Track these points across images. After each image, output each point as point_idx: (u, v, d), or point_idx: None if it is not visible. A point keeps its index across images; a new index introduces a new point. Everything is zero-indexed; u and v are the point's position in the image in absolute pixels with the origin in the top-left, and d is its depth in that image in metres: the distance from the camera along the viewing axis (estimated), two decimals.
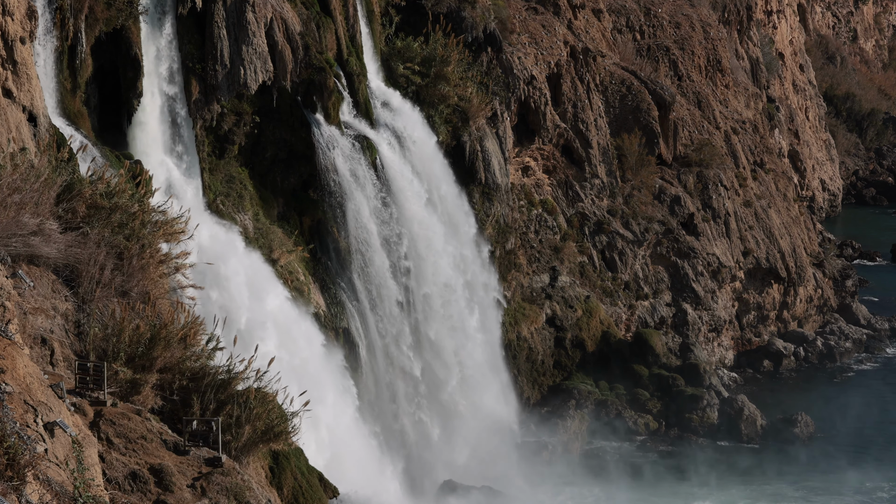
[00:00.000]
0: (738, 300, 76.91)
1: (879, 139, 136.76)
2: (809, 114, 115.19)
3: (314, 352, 50.11)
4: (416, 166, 58.13)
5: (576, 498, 56.79)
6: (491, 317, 62.62)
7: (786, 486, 59.00)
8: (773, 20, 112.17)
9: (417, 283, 56.82)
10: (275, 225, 53.38)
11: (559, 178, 71.19)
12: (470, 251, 61.25)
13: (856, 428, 66.11)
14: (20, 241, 30.05)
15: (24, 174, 31.98)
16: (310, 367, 48.18)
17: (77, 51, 44.56)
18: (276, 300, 49.57)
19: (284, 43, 52.32)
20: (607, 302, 69.96)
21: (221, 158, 52.12)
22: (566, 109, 70.99)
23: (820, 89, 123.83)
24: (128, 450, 27.84)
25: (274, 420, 31.96)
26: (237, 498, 27.91)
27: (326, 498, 37.46)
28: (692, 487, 58.50)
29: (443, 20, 63.05)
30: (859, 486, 59.11)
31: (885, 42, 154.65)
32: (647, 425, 64.79)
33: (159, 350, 30.64)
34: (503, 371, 62.98)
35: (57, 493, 20.92)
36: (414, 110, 59.96)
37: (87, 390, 28.86)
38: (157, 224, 36.72)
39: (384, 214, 55.70)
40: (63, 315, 30.81)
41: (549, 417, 63.48)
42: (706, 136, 78.97)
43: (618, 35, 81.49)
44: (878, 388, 73.51)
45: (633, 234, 71.95)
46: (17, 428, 20.95)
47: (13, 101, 37.08)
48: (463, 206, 61.82)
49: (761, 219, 79.19)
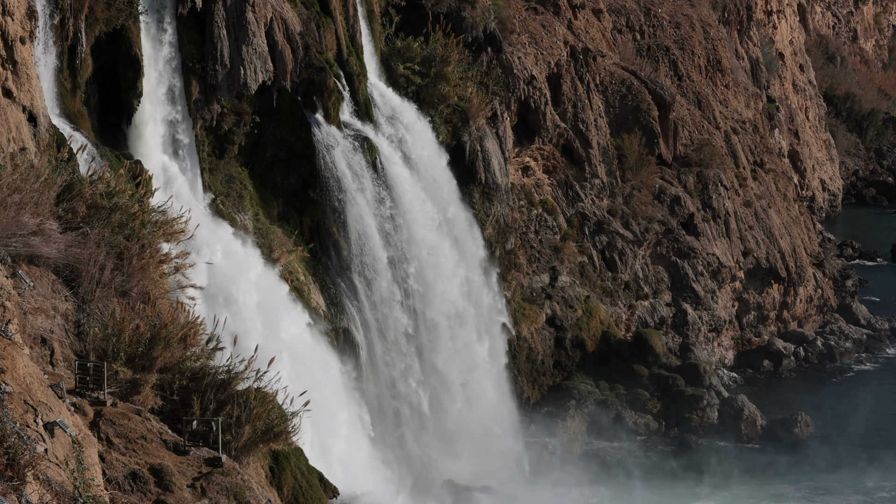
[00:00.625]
0: (738, 300, 76.91)
1: (879, 139, 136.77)
2: (809, 114, 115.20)
3: (332, 383, 50.13)
4: (416, 166, 58.13)
5: (576, 498, 56.78)
6: (490, 315, 62.56)
7: (786, 486, 59.00)
8: (773, 20, 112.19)
9: (418, 284, 56.81)
10: (275, 225, 53.38)
11: (559, 178, 71.19)
12: (469, 250, 61.25)
13: (856, 428, 66.09)
14: (20, 241, 30.05)
15: (24, 174, 31.99)
16: (326, 400, 48.01)
17: (77, 51, 44.55)
18: (294, 327, 49.37)
19: (284, 43, 52.32)
20: (607, 302, 69.96)
21: (221, 158, 52.12)
22: (566, 109, 70.99)
23: (820, 89, 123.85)
24: (128, 450, 27.84)
25: (274, 420, 31.97)
26: (237, 498, 27.91)
27: (326, 498, 37.47)
28: (692, 487, 58.50)
29: (443, 20, 63.05)
30: (859, 485, 59.11)
31: (885, 42, 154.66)
32: (647, 425, 64.78)
33: (159, 350, 30.65)
34: (504, 369, 62.95)
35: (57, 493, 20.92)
36: (414, 110, 59.96)
37: (87, 390, 28.86)
38: (157, 224, 36.73)
39: (384, 214, 55.69)
40: (63, 315, 30.81)
41: (549, 417, 63.46)
42: (706, 136, 78.97)
43: (618, 35, 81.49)
44: (878, 388, 73.51)
45: (633, 234, 71.95)
46: (17, 428, 20.95)
47: (13, 101, 37.08)
48: (463, 206, 61.80)
49: (761, 219, 79.19)
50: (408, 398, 56.17)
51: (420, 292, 56.97)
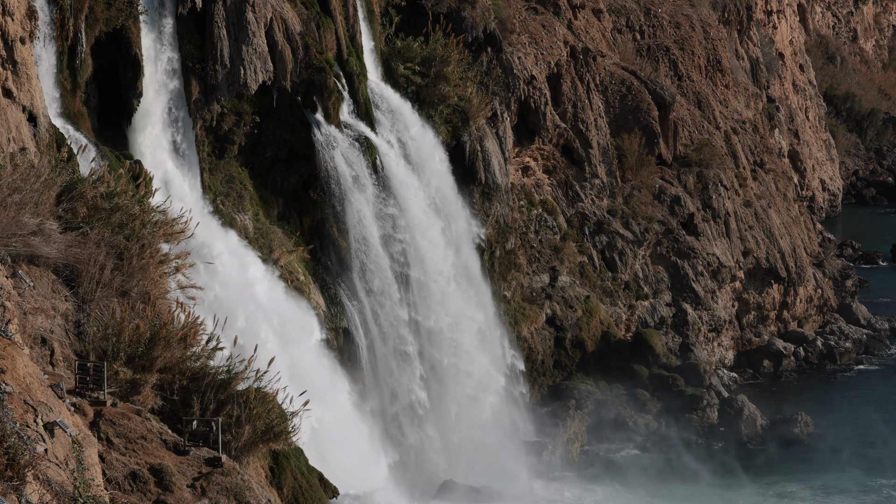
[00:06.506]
0: (738, 300, 76.90)
1: (879, 139, 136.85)
2: (809, 114, 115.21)
3: (344, 409, 50.23)
4: (416, 166, 58.13)
5: (576, 498, 56.75)
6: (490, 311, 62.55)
7: (786, 487, 58.99)
8: (773, 20, 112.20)
9: (418, 283, 56.81)
10: (275, 225, 53.37)
11: (559, 178, 71.19)
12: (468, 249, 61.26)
13: (856, 428, 66.10)
14: (20, 241, 30.05)
15: (24, 174, 31.99)
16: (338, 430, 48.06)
17: (77, 51, 44.56)
18: (309, 352, 49.42)
19: (284, 43, 52.32)
20: (607, 302, 69.95)
21: (221, 158, 52.12)
22: (566, 109, 70.98)
23: (820, 89, 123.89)
24: (128, 450, 27.84)
25: (274, 420, 31.96)
26: (237, 498, 27.91)
27: (326, 498, 37.46)
28: (692, 487, 58.48)
29: (443, 20, 63.05)
30: (860, 485, 59.10)
31: (885, 42, 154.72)
32: (647, 425, 64.76)
33: (159, 350, 30.64)
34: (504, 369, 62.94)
35: (57, 493, 20.92)
36: (414, 110, 59.95)
37: (87, 390, 28.86)
38: (157, 224, 36.71)
39: (384, 215, 55.69)
40: (63, 315, 30.81)
41: (549, 417, 63.44)
42: (706, 136, 78.97)
43: (618, 35, 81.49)
44: (878, 388, 73.53)
45: (633, 234, 71.94)
46: (17, 428, 20.94)
47: (13, 101, 37.08)
48: (463, 206, 61.79)
49: (761, 219, 79.19)
50: (408, 398, 56.17)
51: (420, 292, 56.98)
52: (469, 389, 59.23)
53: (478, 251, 62.12)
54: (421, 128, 59.74)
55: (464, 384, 59.06)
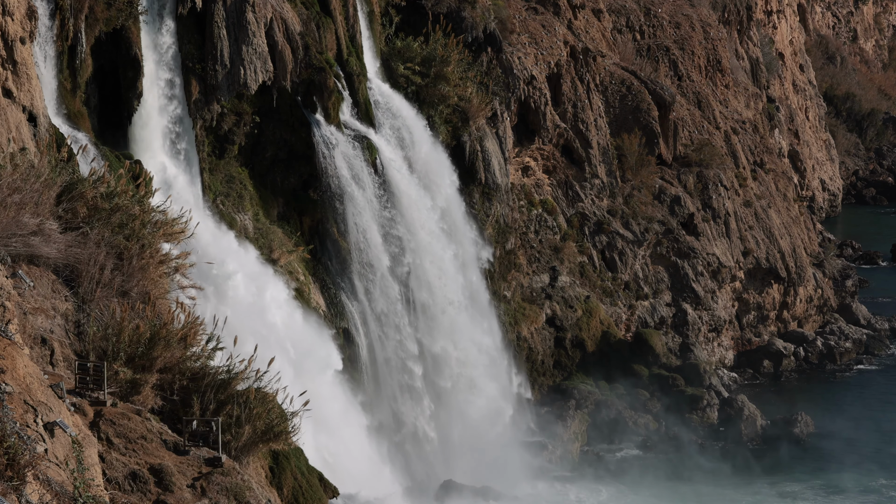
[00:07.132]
0: (738, 300, 76.90)
1: (879, 139, 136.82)
2: (809, 114, 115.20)
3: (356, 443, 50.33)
4: (416, 166, 58.12)
5: (576, 498, 56.76)
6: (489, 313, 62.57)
7: (786, 486, 58.99)
8: (773, 20, 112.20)
9: (418, 284, 56.82)
10: (275, 225, 53.38)
11: (559, 178, 71.19)
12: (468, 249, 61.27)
13: (856, 428, 66.10)
14: (20, 241, 30.04)
15: (24, 174, 31.98)
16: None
17: (77, 51, 44.57)
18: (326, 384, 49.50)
19: (284, 43, 52.32)
20: (607, 302, 69.95)
21: (221, 158, 52.13)
22: (566, 109, 70.98)
23: (820, 89, 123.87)
24: (128, 450, 27.83)
25: (274, 420, 31.93)
26: (237, 498, 27.90)
27: (326, 498, 37.44)
28: (693, 487, 58.48)
29: (443, 20, 63.06)
30: (860, 485, 59.10)
31: (885, 42, 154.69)
32: (647, 425, 64.76)
33: (159, 350, 30.61)
34: (504, 369, 62.96)
35: (57, 493, 20.91)
36: (414, 110, 59.95)
37: (87, 390, 28.84)
38: (157, 224, 36.70)
39: (384, 215, 55.69)
40: (63, 315, 30.80)
41: (549, 417, 63.44)
42: (706, 136, 78.97)
43: (618, 35, 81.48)
44: (879, 388, 73.52)
45: (633, 234, 71.94)
46: (17, 428, 20.94)
47: (13, 101, 37.09)
48: (462, 206, 61.79)
49: (761, 219, 79.18)
50: (408, 397, 56.18)
51: (420, 292, 56.98)
52: (470, 389, 59.25)
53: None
54: (421, 128, 59.72)
55: (465, 383, 59.08)
